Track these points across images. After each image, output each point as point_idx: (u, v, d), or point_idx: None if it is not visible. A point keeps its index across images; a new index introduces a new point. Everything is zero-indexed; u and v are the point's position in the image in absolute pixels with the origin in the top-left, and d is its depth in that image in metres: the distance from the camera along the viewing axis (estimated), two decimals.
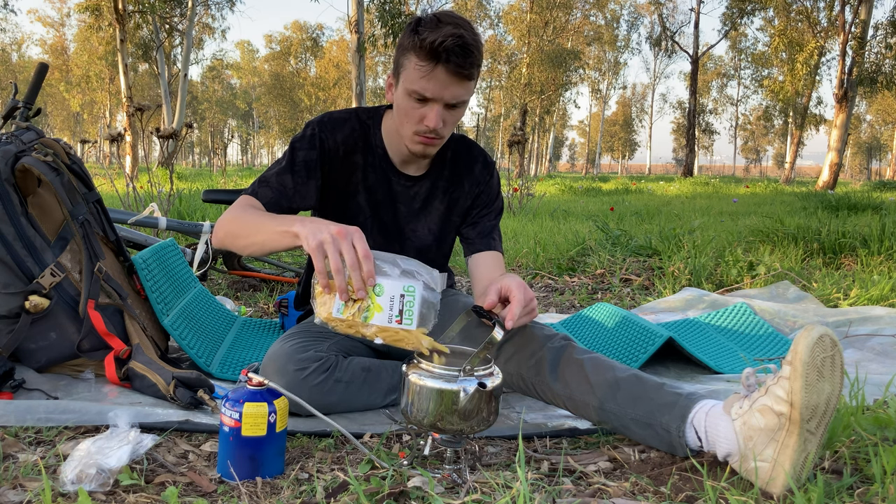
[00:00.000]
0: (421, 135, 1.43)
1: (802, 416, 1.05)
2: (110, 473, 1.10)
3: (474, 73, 1.38)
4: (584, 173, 45.72)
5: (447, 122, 1.42)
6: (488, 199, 1.66)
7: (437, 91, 1.36)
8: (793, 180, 25.00)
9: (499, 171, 2.07)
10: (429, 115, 1.39)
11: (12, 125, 1.85)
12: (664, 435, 1.23)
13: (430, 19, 1.35)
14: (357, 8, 13.25)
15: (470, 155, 1.64)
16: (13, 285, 1.60)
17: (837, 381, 1.07)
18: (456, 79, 1.35)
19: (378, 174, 1.57)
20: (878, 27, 16.48)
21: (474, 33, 1.36)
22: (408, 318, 1.16)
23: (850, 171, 74.84)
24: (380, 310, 1.16)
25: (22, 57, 49.12)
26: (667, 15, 38.02)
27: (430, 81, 1.35)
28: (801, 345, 1.05)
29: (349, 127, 1.55)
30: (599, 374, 1.33)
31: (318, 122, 1.54)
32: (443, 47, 1.31)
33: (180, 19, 19.45)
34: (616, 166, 79.38)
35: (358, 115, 1.57)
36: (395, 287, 1.16)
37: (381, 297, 1.16)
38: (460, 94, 1.38)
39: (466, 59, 1.34)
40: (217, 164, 31.92)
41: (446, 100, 1.38)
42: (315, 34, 47.18)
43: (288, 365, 1.40)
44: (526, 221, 6.05)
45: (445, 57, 1.32)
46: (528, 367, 1.40)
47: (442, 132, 1.43)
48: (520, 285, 1.34)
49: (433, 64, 1.33)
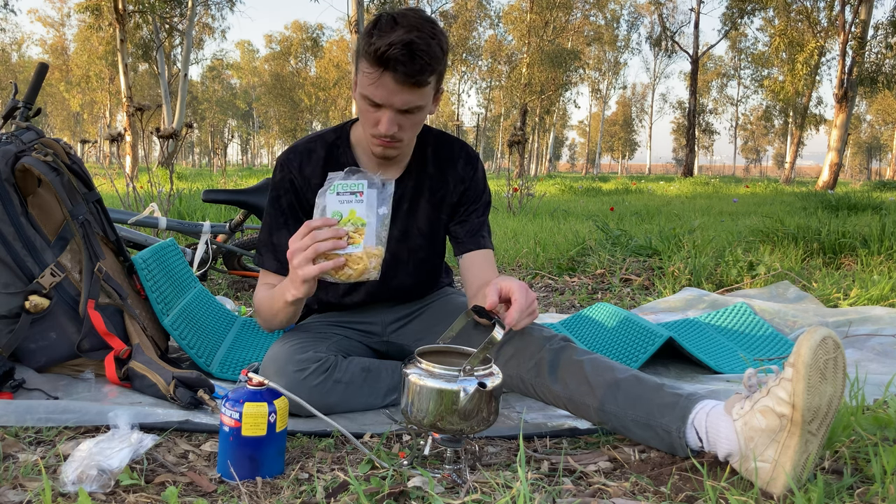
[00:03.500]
0: (378, 137, 1.40)
1: (804, 417, 1.05)
2: (111, 474, 1.10)
3: (425, 80, 1.32)
4: (584, 173, 45.73)
5: (403, 126, 1.39)
6: (475, 194, 1.62)
7: (386, 97, 1.33)
8: (793, 180, 25.01)
9: (499, 172, 2.06)
10: (381, 119, 1.36)
11: (12, 125, 1.85)
12: (664, 436, 1.23)
13: (387, 21, 1.30)
14: (357, 8, 13.25)
15: (451, 151, 1.60)
16: (13, 285, 1.60)
17: (840, 383, 1.07)
18: (404, 86, 1.31)
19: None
20: (878, 27, 16.48)
21: (431, 36, 1.30)
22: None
23: (850, 171, 74.85)
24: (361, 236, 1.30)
25: (22, 57, 49.12)
26: (667, 15, 38.01)
27: (378, 88, 1.32)
28: (804, 347, 1.05)
29: (315, 158, 1.52)
30: (599, 375, 1.32)
31: (284, 162, 1.53)
32: (388, 55, 1.26)
33: (180, 19, 19.44)
34: (616, 166, 79.39)
35: (323, 140, 1.54)
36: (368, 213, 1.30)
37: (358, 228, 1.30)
38: (412, 100, 1.34)
39: (414, 65, 1.28)
40: (217, 164, 31.93)
41: (397, 106, 1.34)
42: (315, 34, 47.16)
43: (287, 366, 1.40)
44: (526, 221, 6.05)
45: (392, 65, 1.27)
46: (527, 368, 1.40)
47: (399, 136, 1.39)
48: (521, 287, 1.33)
49: (380, 70, 1.29)
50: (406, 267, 1.63)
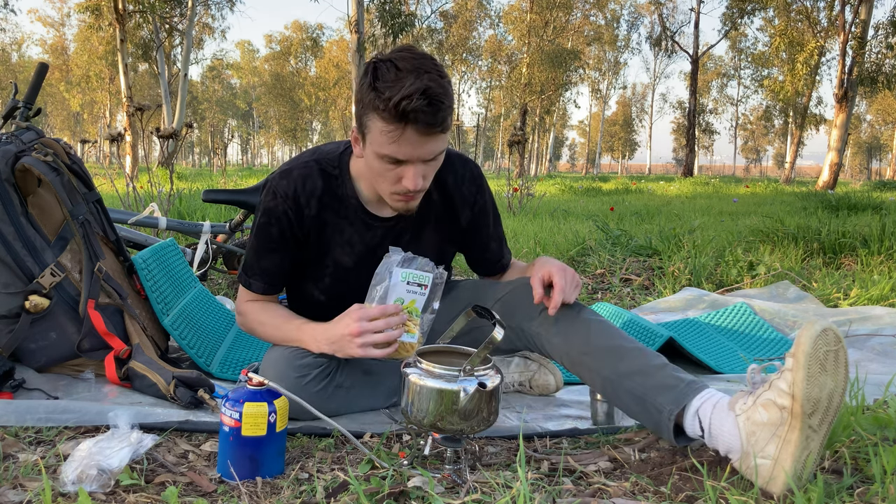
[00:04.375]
0: (401, 194, 1.32)
1: (804, 409, 1.05)
2: (111, 474, 1.10)
3: (448, 123, 1.25)
4: (584, 173, 45.72)
5: (427, 175, 1.31)
6: (485, 215, 1.57)
7: (411, 153, 1.24)
8: (793, 180, 25.00)
9: (499, 171, 2.05)
10: (406, 175, 1.27)
11: (12, 125, 1.85)
12: (654, 414, 1.21)
13: (388, 68, 1.20)
14: (357, 8, 13.26)
15: (454, 173, 1.50)
16: (13, 285, 1.60)
17: (841, 377, 1.07)
18: (429, 137, 1.23)
19: (356, 227, 1.46)
20: (878, 27, 16.46)
21: (440, 75, 1.21)
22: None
23: (850, 171, 74.82)
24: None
25: (22, 57, 49.10)
26: (667, 15, 38.01)
27: (401, 145, 1.22)
28: (805, 336, 1.06)
29: (311, 185, 1.42)
30: (603, 339, 1.31)
31: (277, 189, 1.41)
32: (409, 108, 1.17)
33: (180, 19, 19.44)
34: (616, 166, 79.36)
35: (320, 168, 1.43)
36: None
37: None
38: (436, 147, 1.26)
39: (437, 114, 1.20)
40: (217, 163, 31.89)
41: (423, 158, 1.26)
42: (315, 34, 47.13)
43: (288, 371, 1.39)
44: (526, 221, 6.05)
45: (414, 117, 1.18)
46: (532, 318, 1.39)
47: (423, 186, 1.31)
48: (559, 269, 1.35)
49: (402, 126, 1.20)
50: None
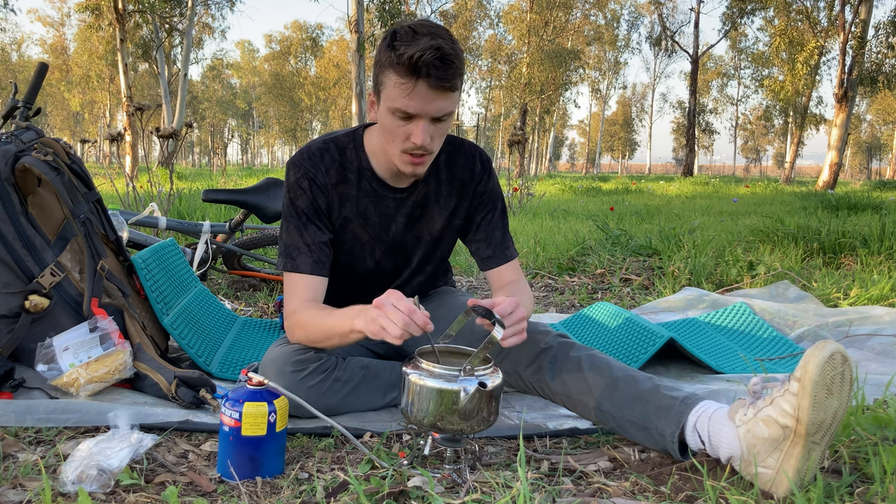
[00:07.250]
0: (409, 153, 1.38)
1: (808, 431, 1.05)
2: (111, 474, 1.10)
3: (457, 84, 1.32)
4: (584, 173, 45.70)
5: (434, 136, 1.37)
6: (491, 201, 1.62)
7: (421, 107, 1.31)
8: (793, 180, 25.00)
9: (499, 171, 2.05)
10: (415, 131, 1.34)
11: (12, 125, 1.85)
12: (659, 439, 1.25)
13: (406, 31, 1.30)
14: (357, 8, 13.25)
15: (465, 155, 1.59)
16: (13, 285, 1.60)
17: (846, 394, 1.07)
18: (439, 92, 1.30)
19: (371, 197, 1.53)
20: (878, 27, 16.46)
21: (453, 42, 1.31)
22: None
23: (850, 171, 74.83)
24: None
25: (22, 57, 49.06)
26: (667, 14, 38.03)
27: (412, 98, 1.30)
28: (812, 363, 1.04)
29: (329, 158, 1.50)
30: (597, 373, 1.34)
31: (298, 163, 1.49)
32: (422, 61, 1.25)
33: (180, 19, 19.43)
34: (616, 166, 79.38)
35: (336, 144, 1.52)
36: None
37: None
38: (445, 106, 1.33)
39: (448, 70, 1.28)
40: (217, 163, 31.93)
41: (431, 114, 1.33)
42: (315, 34, 47.11)
43: (286, 366, 1.40)
44: (526, 221, 6.05)
45: (426, 71, 1.26)
46: (525, 365, 1.42)
47: (430, 147, 1.38)
48: (512, 300, 1.29)
49: (414, 79, 1.28)
50: (415, 272, 1.65)
